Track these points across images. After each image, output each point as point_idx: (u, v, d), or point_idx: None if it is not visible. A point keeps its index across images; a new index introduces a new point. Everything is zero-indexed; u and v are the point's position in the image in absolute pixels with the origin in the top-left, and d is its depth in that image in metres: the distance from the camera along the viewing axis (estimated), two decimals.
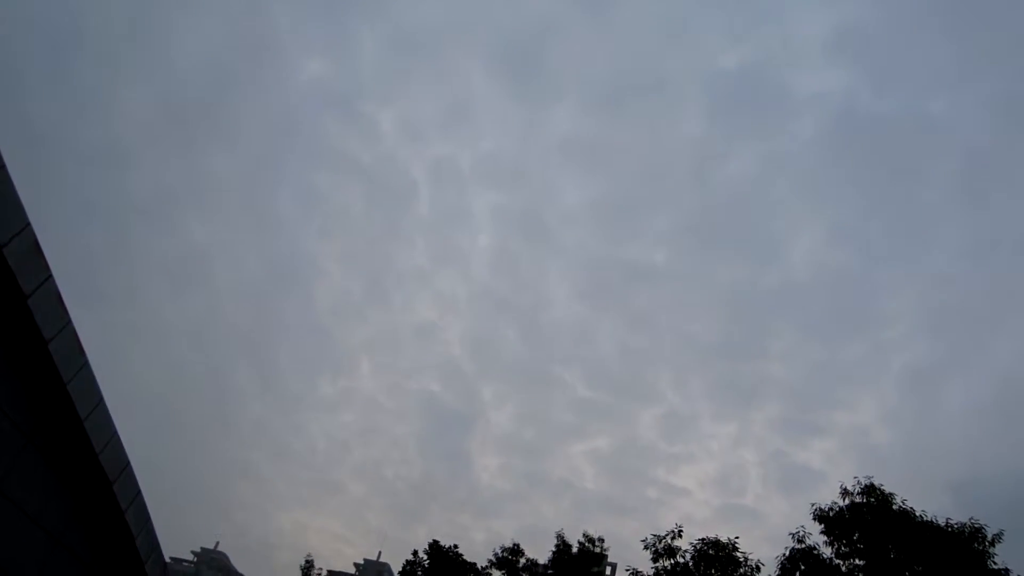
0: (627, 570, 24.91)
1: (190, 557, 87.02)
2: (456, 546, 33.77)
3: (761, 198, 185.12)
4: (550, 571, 31.20)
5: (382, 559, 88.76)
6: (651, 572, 24.39)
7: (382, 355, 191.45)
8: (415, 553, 33.71)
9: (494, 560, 32.64)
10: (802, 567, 22.61)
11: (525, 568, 32.11)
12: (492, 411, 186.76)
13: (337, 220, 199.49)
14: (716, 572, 23.40)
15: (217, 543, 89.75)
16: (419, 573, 32.90)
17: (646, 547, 24.63)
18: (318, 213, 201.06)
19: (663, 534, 24.76)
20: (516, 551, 32.76)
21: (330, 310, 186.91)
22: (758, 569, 23.32)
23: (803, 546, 23.09)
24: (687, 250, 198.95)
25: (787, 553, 23.16)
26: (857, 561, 22.18)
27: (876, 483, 23.02)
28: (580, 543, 31.91)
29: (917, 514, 22.00)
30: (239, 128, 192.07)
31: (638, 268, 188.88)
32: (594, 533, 32.53)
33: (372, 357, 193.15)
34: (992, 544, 20.64)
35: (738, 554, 23.66)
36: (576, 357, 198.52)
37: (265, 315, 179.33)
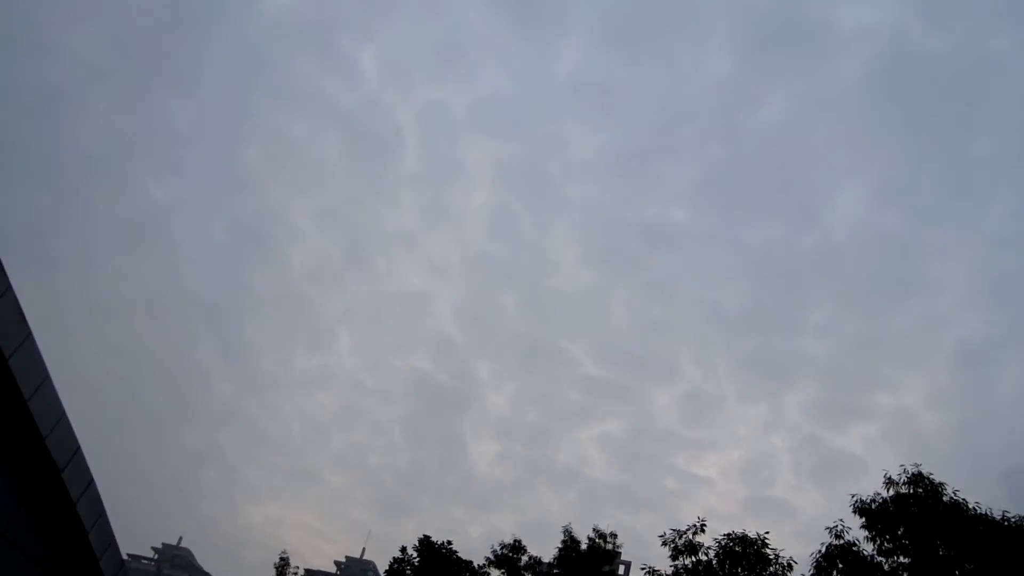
0: (643, 569, 25.43)
1: (150, 554, 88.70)
2: (450, 542, 34.38)
3: (797, 149, 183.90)
4: (556, 570, 31.82)
5: (366, 557, 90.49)
6: (670, 571, 24.87)
7: (364, 328, 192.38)
8: (403, 550, 34.32)
9: (492, 558, 33.24)
10: (840, 565, 23.02)
11: (528, 567, 32.72)
12: (489, 391, 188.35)
13: (312, 174, 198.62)
14: (743, 571, 23.84)
15: (180, 539, 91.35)
16: (408, 572, 33.55)
17: (664, 543, 25.06)
18: (290, 166, 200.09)
19: (683, 529, 25.18)
20: (517, 548, 33.34)
21: (305, 277, 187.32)
22: (790, 568, 23.76)
23: (841, 542, 23.48)
24: (711, 208, 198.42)
25: (823, 550, 23.55)
26: (902, 559, 22.57)
27: (924, 472, 23.33)
28: (590, 539, 32.45)
29: (970, 506, 22.29)
30: (199, 69, 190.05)
31: (655, 228, 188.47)
32: (605, 528, 33.01)
33: (353, 330, 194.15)
34: None
35: (768, 551, 24.08)
36: (584, 330, 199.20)
37: (231, 283, 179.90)
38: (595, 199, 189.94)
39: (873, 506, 23.46)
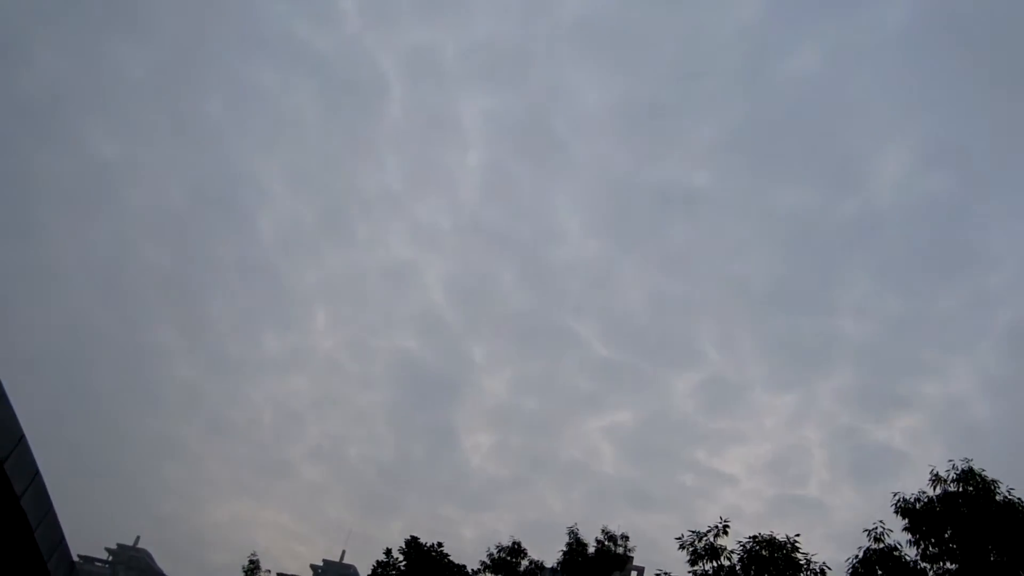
0: (658, 574, 25.65)
1: (104, 556, 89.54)
2: (440, 544, 34.73)
3: (834, 104, 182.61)
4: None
5: (346, 560, 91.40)
6: None
7: (343, 304, 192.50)
8: (388, 552, 34.66)
9: (488, 562, 33.60)
10: (879, 572, 23.21)
11: (528, 572, 33.08)
12: (484, 376, 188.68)
13: (284, 129, 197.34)
14: None
15: (137, 539, 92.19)
16: None
17: (682, 547, 25.27)
18: (259, 120, 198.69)
19: (704, 531, 25.37)
20: (516, 551, 33.68)
21: (275, 246, 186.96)
22: (823, 574, 23.96)
23: (881, 546, 23.66)
24: (737, 170, 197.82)
25: (860, 555, 23.75)
26: (948, 564, 22.74)
27: (975, 468, 23.43)
28: (598, 542, 32.79)
29: None
30: (153, 9, 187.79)
31: (673, 193, 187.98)
32: (615, 529, 33.40)
33: (330, 306, 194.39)
34: None
35: (798, 556, 24.25)
36: (592, 307, 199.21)
37: (192, 253, 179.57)
38: (605, 159, 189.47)
39: (917, 506, 23.63)
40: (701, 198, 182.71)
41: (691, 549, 25.17)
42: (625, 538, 33.24)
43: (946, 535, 22.97)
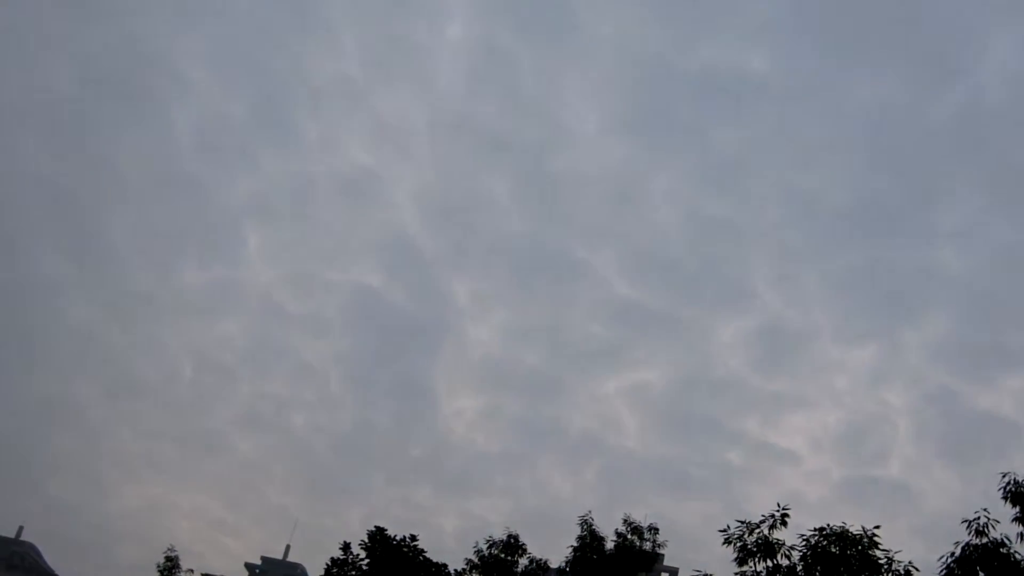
0: (696, 574, 26.01)
1: None
2: (414, 538, 35.08)
3: None
4: None
5: (291, 557, 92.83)
6: None
7: (285, 226, 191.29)
8: (346, 547, 35.07)
9: (476, 560, 34.01)
10: (981, 574, 23.53)
11: (529, 573, 33.50)
12: (470, 321, 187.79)
13: None
14: None
15: (20, 529, 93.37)
16: None
17: (728, 541, 25.58)
18: None
19: (755, 522, 25.62)
20: (513, 546, 34.08)
21: (196, 149, 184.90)
22: (909, 575, 24.31)
23: (985, 540, 23.94)
24: (804, 52, 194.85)
25: (957, 552, 24.08)
26: None
27: None
28: (619, 535, 33.13)
29: None
30: None
31: (720, 81, 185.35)
32: (641, 519, 33.67)
33: (268, 228, 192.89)
34: None
35: (877, 552, 24.56)
36: (612, 232, 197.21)
37: (85, 157, 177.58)
38: (631, 37, 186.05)
39: None
40: (756, 88, 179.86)
41: (739, 545, 25.45)
42: (653, 530, 33.61)
43: None
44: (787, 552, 25.28)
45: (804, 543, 25.18)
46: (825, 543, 24.88)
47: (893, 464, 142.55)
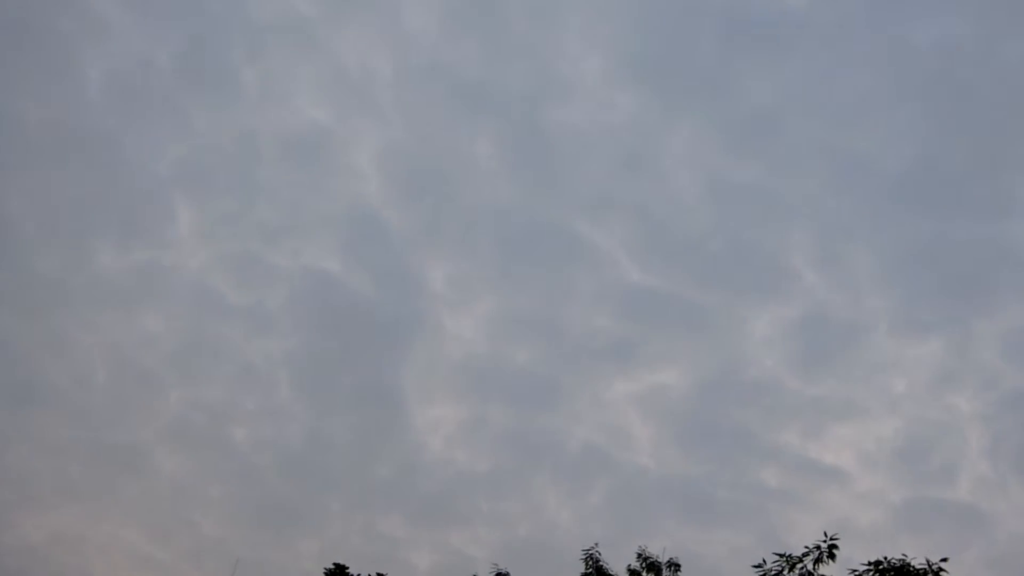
0: None
1: None
2: None
3: None
4: None
5: None
6: None
7: (221, 197, 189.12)
8: None
9: None
10: None
11: None
12: (448, 312, 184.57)
13: None
14: None
15: None
16: None
17: None
18: None
19: (797, 555, 26.00)
20: None
21: (110, 101, 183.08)
22: None
23: None
24: None
25: None
26: None
27: None
28: (632, 572, 33.41)
29: None
30: None
31: (753, 17, 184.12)
32: (658, 553, 33.96)
33: (200, 200, 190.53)
34: None
35: None
36: (621, 203, 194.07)
37: None
38: None
39: None
40: (795, 28, 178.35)
41: None
42: (674, 567, 33.90)
43: None
44: None
45: None
46: None
47: (962, 483, 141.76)
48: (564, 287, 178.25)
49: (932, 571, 24.92)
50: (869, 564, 25.46)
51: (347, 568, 35.29)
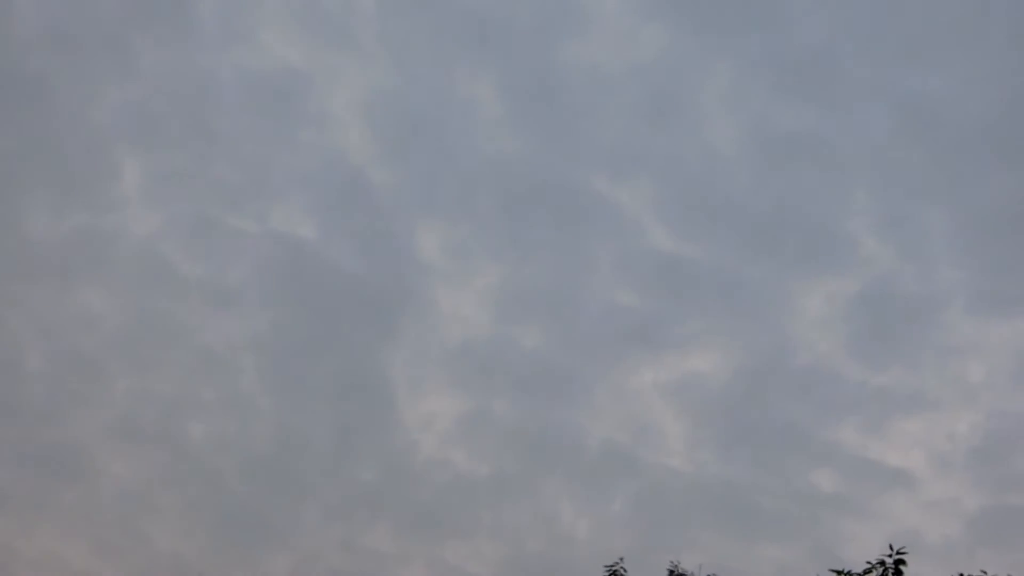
0: None
1: None
2: None
3: None
4: None
5: None
6: None
7: (174, 151, 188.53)
8: None
9: None
10: None
11: None
12: (443, 288, 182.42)
13: None
14: None
15: None
16: None
17: None
18: None
19: (857, 572, 25.60)
20: None
21: (45, 40, 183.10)
22: None
23: None
24: None
25: None
26: None
27: None
28: None
29: None
30: None
31: None
32: (693, 570, 33.76)
33: (150, 155, 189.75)
34: None
35: None
36: (645, 157, 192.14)
37: None
38: None
39: None
40: None
41: None
42: None
43: None
44: None
45: None
46: None
47: None
48: (581, 256, 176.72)
49: None
50: None
51: None
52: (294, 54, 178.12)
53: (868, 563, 25.61)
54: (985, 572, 25.02)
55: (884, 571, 25.48)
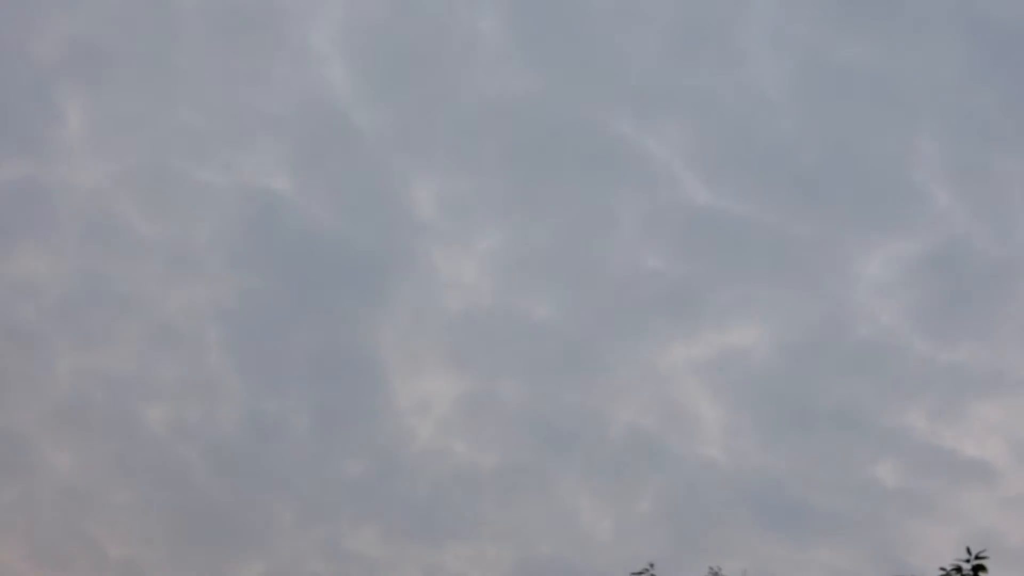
0: None
1: None
2: None
3: None
4: None
5: None
6: None
7: (126, 89, 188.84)
8: None
9: None
10: None
11: None
12: (440, 249, 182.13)
13: None
14: None
15: None
16: None
17: None
18: None
19: None
20: None
21: None
22: None
23: None
24: None
25: None
26: None
27: None
28: None
29: None
30: None
31: None
32: None
33: (98, 94, 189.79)
34: None
35: None
36: (677, 95, 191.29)
37: None
38: None
39: None
40: None
41: None
42: None
43: None
44: None
45: None
46: None
47: None
48: (601, 213, 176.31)
49: None
50: None
51: None
52: None
53: (942, 569, 25.73)
54: None
55: None
